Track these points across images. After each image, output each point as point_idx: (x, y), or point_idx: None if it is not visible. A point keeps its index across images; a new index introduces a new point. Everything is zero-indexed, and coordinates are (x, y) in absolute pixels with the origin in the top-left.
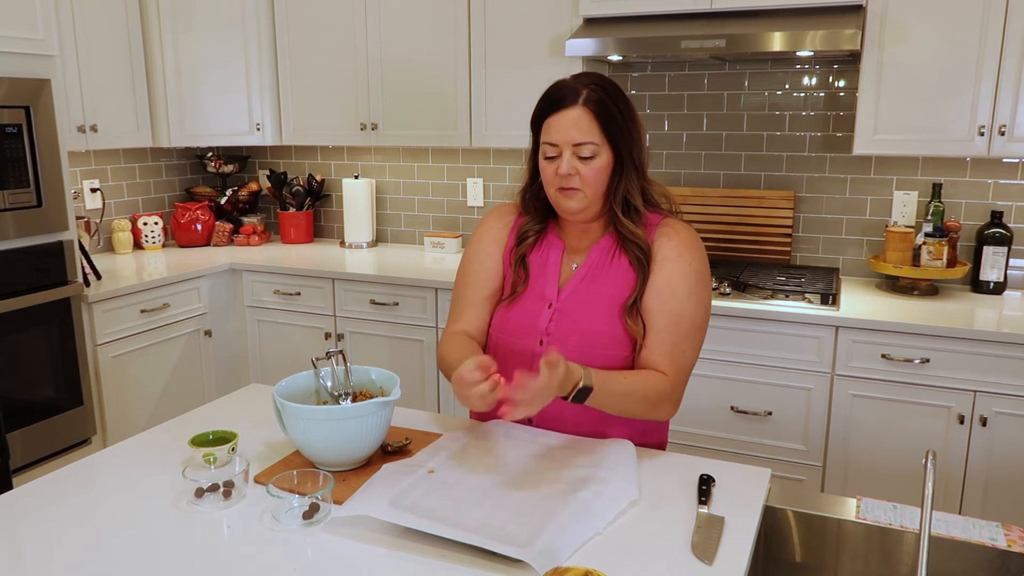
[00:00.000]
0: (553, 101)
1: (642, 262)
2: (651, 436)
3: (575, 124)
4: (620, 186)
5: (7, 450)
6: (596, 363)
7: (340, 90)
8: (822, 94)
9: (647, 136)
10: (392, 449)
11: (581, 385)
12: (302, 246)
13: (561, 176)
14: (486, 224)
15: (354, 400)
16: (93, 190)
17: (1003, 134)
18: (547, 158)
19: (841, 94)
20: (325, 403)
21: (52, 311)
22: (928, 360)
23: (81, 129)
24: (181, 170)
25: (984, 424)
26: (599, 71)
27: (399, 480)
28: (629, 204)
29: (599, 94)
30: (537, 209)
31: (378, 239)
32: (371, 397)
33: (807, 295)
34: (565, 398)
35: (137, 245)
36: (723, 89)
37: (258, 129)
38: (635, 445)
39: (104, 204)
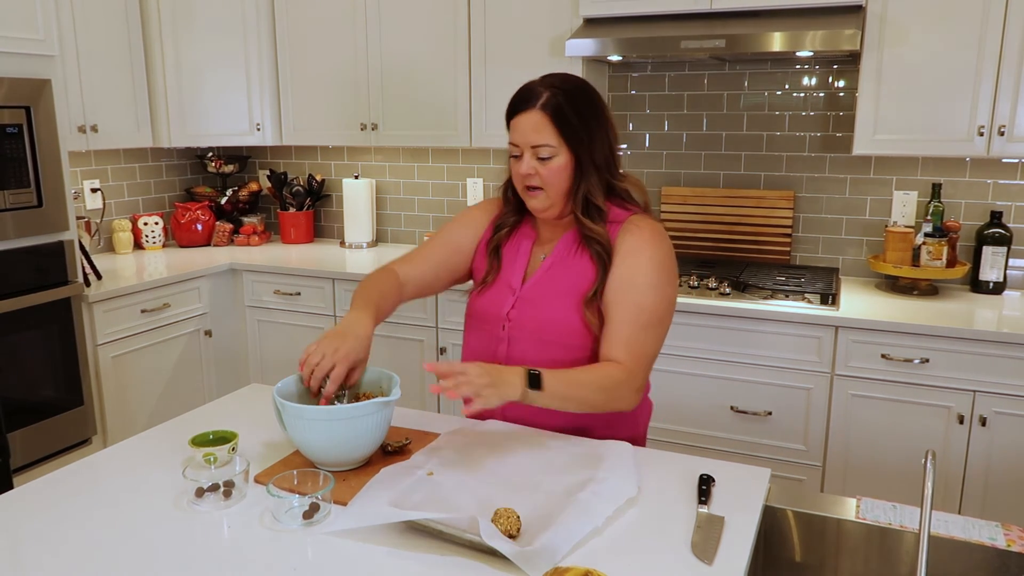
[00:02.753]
0: (515, 103)
1: (602, 257)
2: (625, 430)
3: (532, 127)
4: (581, 187)
5: (7, 450)
6: (554, 352)
7: (340, 90)
8: (822, 94)
9: (615, 134)
10: (392, 449)
11: (528, 370)
12: (302, 246)
13: (522, 175)
14: (475, 208)
15: (354, 400)
16: (93, 190)
17: (1002, 134)
18: (512, 157)
19: (841, 94)
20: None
21: (52, 311)
22: (928, 360)
23: (81, 129)
24: (181, 170)
25: (984, 424)
26: (599, 71)
27: (398, 483)
28: (590, 203)
29: (557, 99)
30: (515, 202)
31: (378, 239)
32: (371, 397)
33: (807, 295)
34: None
35: (137, 245)
36: (723, 89)
37: (258, 129)
38: (613, 439)
39: (104, 204)
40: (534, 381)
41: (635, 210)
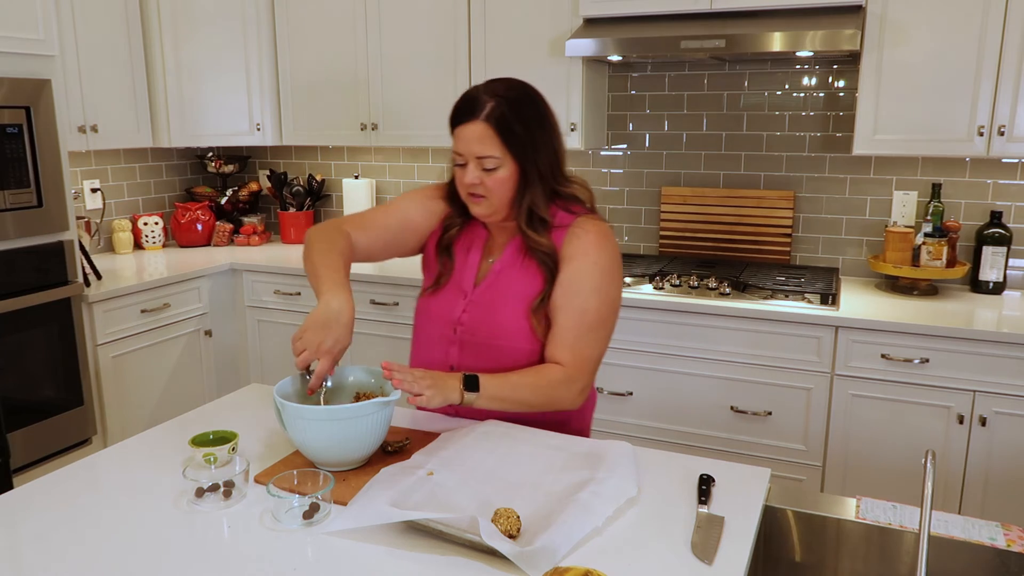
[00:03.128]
0: (459, 112)
1: (549, 267)
2: (574, 423)
3: (477, 138)
4: (525, 198)
5: (7, 450)
6: (505, 355)
7: (340, 90)
8: (822, 94)
9: (560, 139)
10: (392, 449)
11: (464, 374)
12: (302, 246)
13: (467, 185)
14: (428, 195)
15: (355, 400)
16: (93, 190)
17: (1002, 134)
18: (457, 165)
19: (841, 94)
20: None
21: (52, 311)
22: (928, 360)
23: (81, 129)
24: (181, 170)
25: (983, 424)
26: (599, 71)
27: (398, 483)
28: (534, 214)
29: (501, 109)
30: (462, 203)
31: None
32: (371, 397)
33: (807, 295)
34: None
35: (137, 245)
36: (723, 89)
37: (258, 129)
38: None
39: (104, 204)
40: (471, 384)
41: (581, 212)
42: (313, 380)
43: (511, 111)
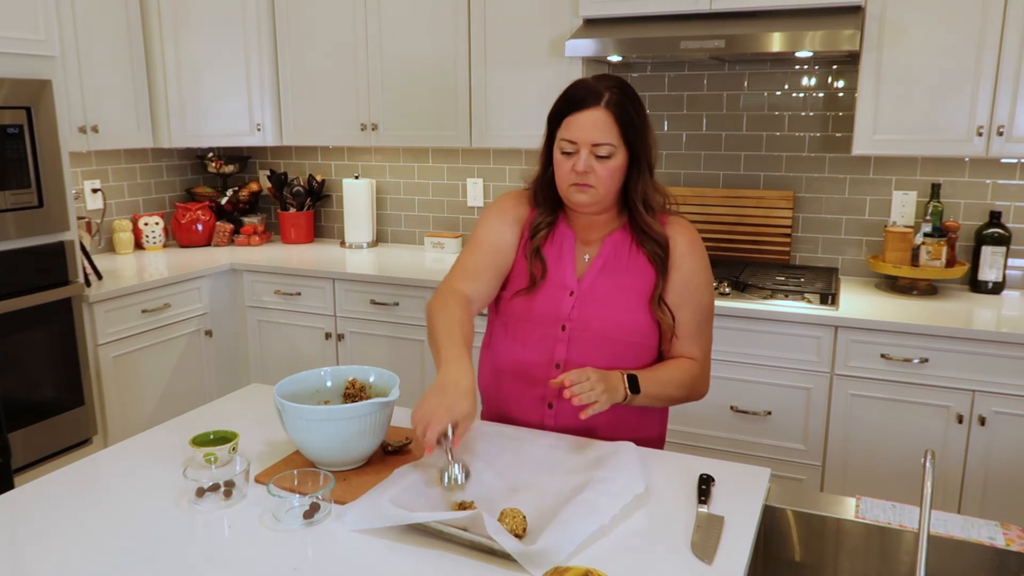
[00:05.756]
0: (575, 101)
1: (661, 258)
2: (650, 430)
3: (595, 125)
4: (638, 186)
5: (8, 450)
6: (618, 349)
7: (340, 90)
8: (821, 94)
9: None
10: (392, 449)
11: (626, 375)
12: (302, 246)
13: (577, 172)
14: (505, 203)
15: (344, 396)
16: (94, 190)
17: (1001, 134)
18: (564, 153)
19: (840, 94)
20: (327, 403)
21: (53, 311)
22: (927, 360)
23: (82, 130)
24: (182, 170)
25: (983, 424)
26: (599, 71)
27: (401, 482)
28: (647, 204)
29: (619, 96)
30: (547, 201)
31: (378, 239)
32: (363, 388)
33: (806, 295)
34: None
35: (138, 245)
36: (722, 89)
37: (258, 129)
38: (636, 443)
39: (105, 204)
40: (633, 384)
41: (667, 212)
42: (428, 444)
43: (627, 100)
